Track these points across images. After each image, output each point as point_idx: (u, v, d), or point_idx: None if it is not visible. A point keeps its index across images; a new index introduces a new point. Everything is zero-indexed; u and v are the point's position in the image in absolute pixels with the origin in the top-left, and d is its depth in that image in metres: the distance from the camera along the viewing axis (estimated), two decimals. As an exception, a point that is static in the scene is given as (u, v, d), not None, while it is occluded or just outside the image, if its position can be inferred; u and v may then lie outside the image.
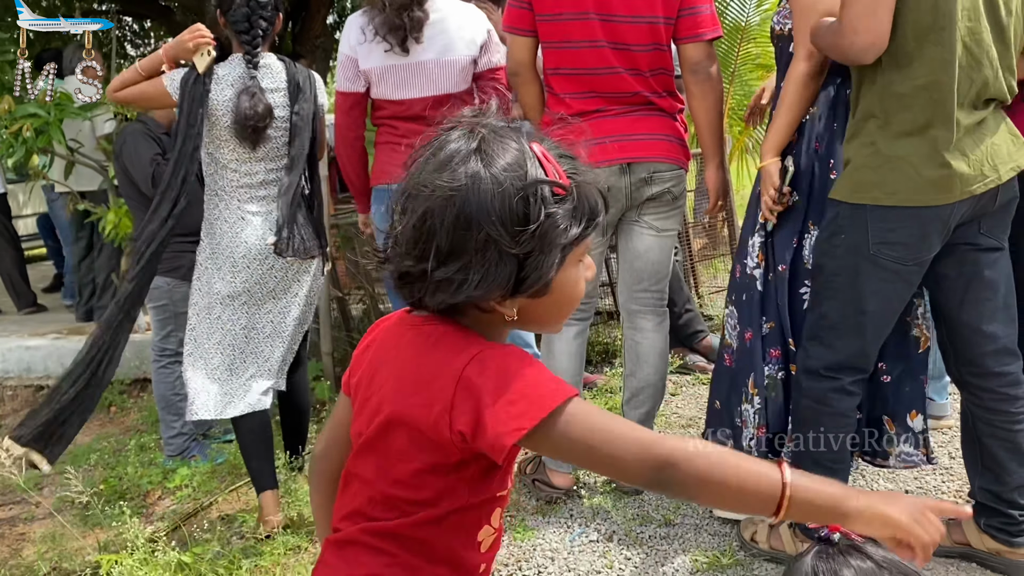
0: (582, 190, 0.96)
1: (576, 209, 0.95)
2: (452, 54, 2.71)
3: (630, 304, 2.72)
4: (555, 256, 0.93)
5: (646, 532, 2.47)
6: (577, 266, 1.00)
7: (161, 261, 2.60)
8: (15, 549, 3.23)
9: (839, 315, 2.07)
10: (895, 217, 1.94)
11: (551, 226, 0.92)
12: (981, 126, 1.94)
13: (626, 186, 2.53)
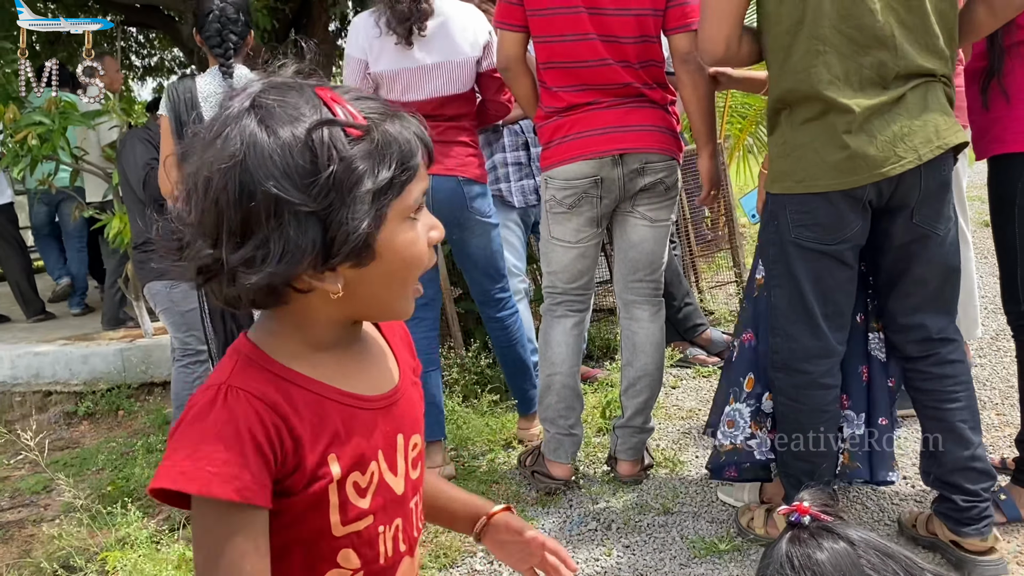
0: (386, 130, 0.81)
1: (378, 150, 0.80)
2: (457, 56, 2.76)
3: (626, 294, 2.74)
4: (362, 207, 0.79)
5: (644, 520, 2.49)
6: (407, 224, 0.84)
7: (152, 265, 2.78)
8: (25, 550, 3.26)
9: (786, 303, 2.11)
10: (808, 202, 2.01)
11: (346, 171, 0.78)
12: (897, 105, 1.94)
13: (619, 177, 2.55)
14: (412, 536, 0.98)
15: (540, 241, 2.81)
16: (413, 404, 0.98)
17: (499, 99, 2.92)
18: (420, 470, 0.99)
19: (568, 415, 2.70)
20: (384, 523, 0.92)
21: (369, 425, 0.90)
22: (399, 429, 0.94)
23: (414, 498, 0.98)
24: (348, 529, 0.88)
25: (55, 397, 4.91)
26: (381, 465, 0.91)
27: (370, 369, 0.94)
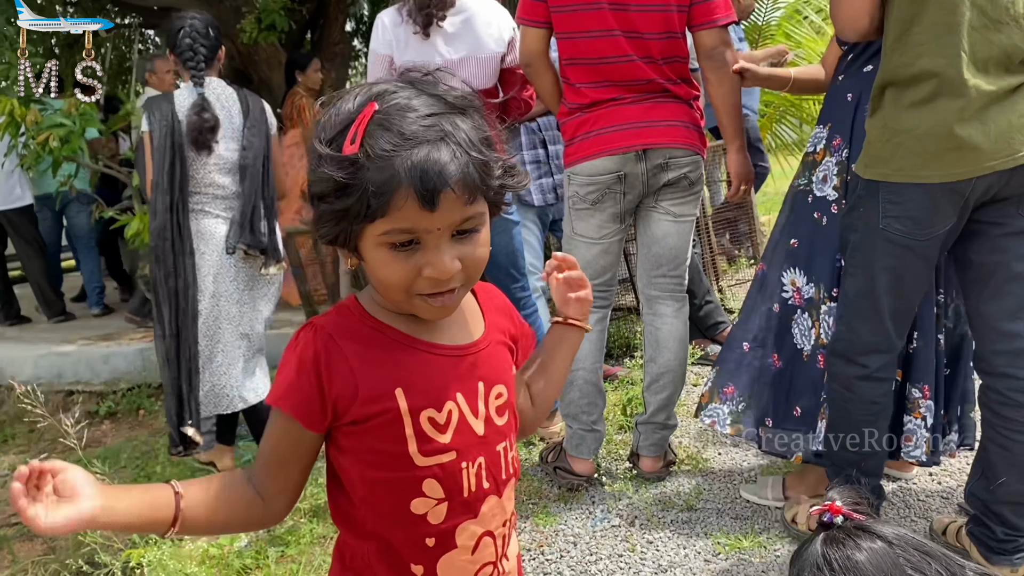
0: (374, 166, 0.87)
1: (346, 181, 0.88)
2: (482, 52, 2.77)
3: (649, 290, 2.73)
4: (328, 219, 0.92)
5: (668, 517, 2.48)
6: (383, 248, 0.92)
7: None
8: (50, 547, 3.29)
9: (856, 293, 2.04)
10: (903, 192, 1.89)
11: (321, 184, 0.91)
12: (1015, 94, 1.80)
13: (642, 172, 2.55)
14: (500, 477, 1.06)
15: (563, 238, 2.80)
16: (498, 359, 1.09)
17: (522, 96, 2.92)
18: (508, 418, 1.08)
19: (590, 411, 2.69)
20: (467, 460, 1.02)
21: (443, 369, 1.02)
22: (480, 377, 1.05)
23: (501, 443, 1.06)
24: (430, 461, 1.00)
25: (77, 396, 4.95)
26: (461, 407, 1.02)
27: (451, 326, 1.05)
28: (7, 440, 4.57)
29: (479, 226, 0.95)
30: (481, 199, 0.93)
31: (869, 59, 2.28)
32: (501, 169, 0.95)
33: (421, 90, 0.93)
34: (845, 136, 2.30)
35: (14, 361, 5.13)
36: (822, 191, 2.35)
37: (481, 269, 0.98)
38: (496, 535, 1.06)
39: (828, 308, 2.32)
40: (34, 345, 5.21)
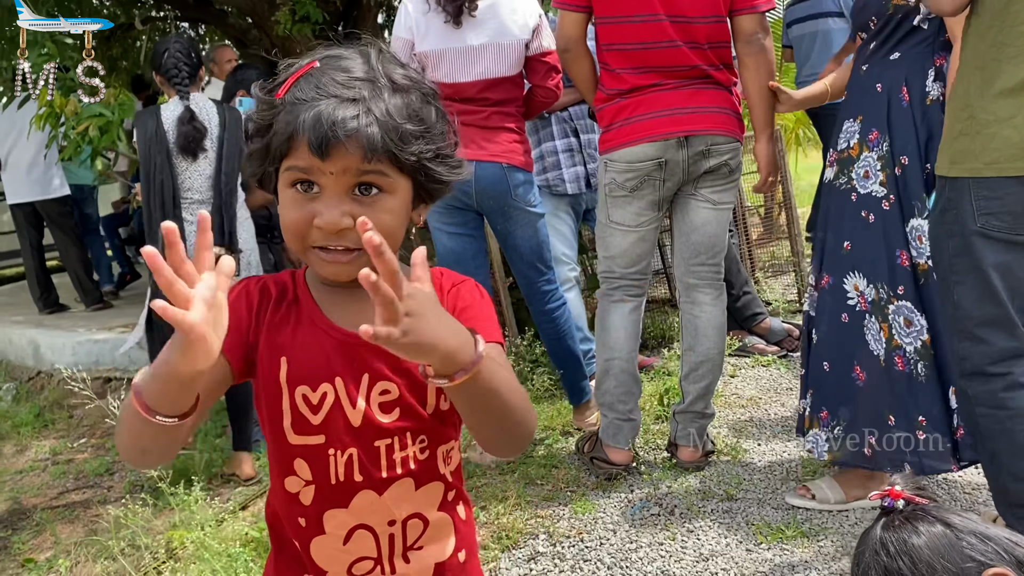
0: (289, 111, 0.93)
1: (267, 123, 0.95)
2: (506, 38, 2.74)
3: (687, 278, 2.71)
4: (252, 159, 0.98)
5: (708, 506, 2.46)
6: (290, 191, 0.96)
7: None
8: (91, 530, 3.34)
9: (973, 301, 1.84)
10: (997, 187, 1.75)
11: (247, 127, 0.99)
12: None
13: (683, 159, 2.52)
14: (377, 475, 1.01)
15: (596, 225, 2.79)
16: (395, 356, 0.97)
17: (547, 84, 2.89)
18: (397, 416, 1.01)
19: (627, 400, 2.68)
20: (336, 447, 1.00)
21: (327, 350, 1.00)
22: (367, 369, 1.00)
23: (382, 439, 1.01)
24: (300, 440, 1.00)
25: (114, 383, 5.02)
26: (339, 392, 1.00)
27: (360, 310, 0.97)
28: (47, 425, 4.65)
29: (384, 189, 0.95)
30: (388, 165, 0.94)
31: (895, 46, 2.24)
32: (429, 151, 0.96)
33: (370, 60, 0.97)
34: (882, 128, 2.25)
35: (53, 348, 5.21)
36: (866, 188, 2.29)
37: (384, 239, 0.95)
38: (378, 532, 1.03)
39: (896, 308, 2.24)
40: (72, 332, 5.29)
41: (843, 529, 2.27)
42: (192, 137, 3.19)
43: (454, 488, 1.09)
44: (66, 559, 2.98)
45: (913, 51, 2.21)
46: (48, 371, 5.20)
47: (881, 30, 2.26)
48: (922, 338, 2.21)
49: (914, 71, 2.21)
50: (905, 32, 2.21)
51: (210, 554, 2.27)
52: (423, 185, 0.99)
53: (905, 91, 2.21)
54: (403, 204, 0.98)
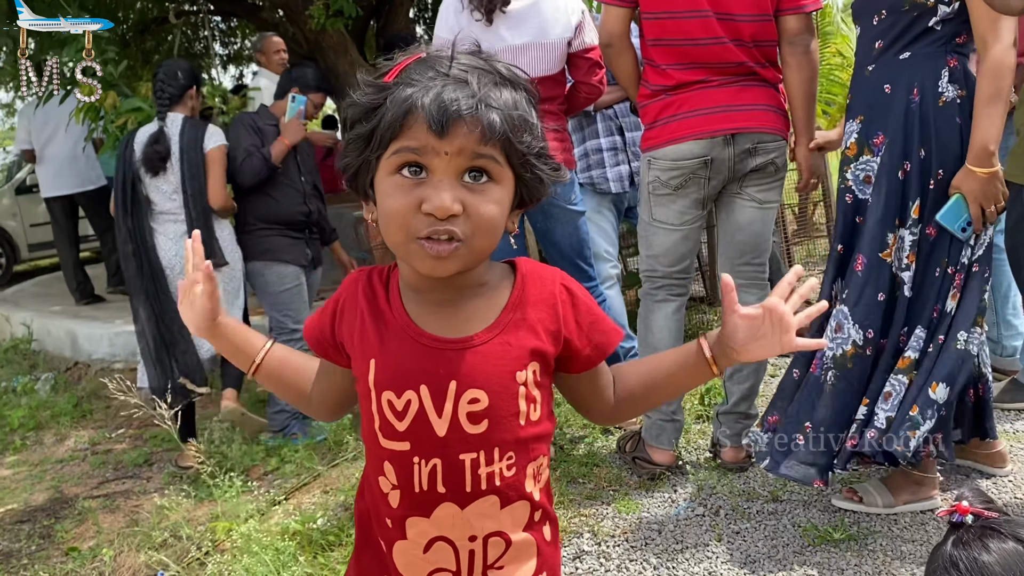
0: (399, 92, 0.91)
1: (376, 106, 0.93)
2: (548, 37, 2.73)
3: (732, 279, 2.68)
4: (353, 147, 0.96)
5: (753, 507, 2.45)
6: (393, 178, 0.93)
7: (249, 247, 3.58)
8: (132, 519, 3.38)
9: None
10: None
11: (350, 113, 0.96)
12: None
13: (729, 157, 2.50)
14: (461, 489, 0.99)
15: (639, 224, 2.77)
16: (486, 362, 0.98)
17: (590, 81, 2.87)
18: (485, 428, 0.98)
19: (670, 401, 2.67)
20: (420, 456, 0.98)
21: (413, 356, 0.99)
22: (454, 376, 0.97)
23: (467, 453, 0.98)
24: (388, 444, 1.00)
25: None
26: (424, 399, 0.98)
27: (451, 315, 1.00)
28: (85, 415, 4.70)
29: (493, 177, 0.93)
30: (500, 153, 0.92)
31: (906, 46, 2.20)
32: (535, 148, 0.95)
33: (476, 55, 0.96)
34: (889, 132, 2.20)
35: (91, 339, 5.28)
36: (864, 194, 2.25)
37: (488, 231, 0.94)
38: (458, 547, 1.01)
39: (835, 311, 2.23)
40: (109, 324, 5.35)
41: (892, 533, 2.25)
42: (154, 155, 3.55)
43: (541, 508, 1.06)
44: (109, 548, 3.01)
45: (925, 51, 2.17)
46: (85, 361, 5.27)
47: (890, 28, 2.21)
48: (844, 347, 2.19)
49: (927, 72, 2.16)
50: (918, 32, 2.16)
51: (258, 547, 2.28)
52: (526, 183, 0.97)
53: (916, 92, 2.17)
54: (508, 198, 0.96)
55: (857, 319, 2.19)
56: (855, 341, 2.18)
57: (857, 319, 2.19)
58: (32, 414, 4.71)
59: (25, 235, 9.22)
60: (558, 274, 1.06)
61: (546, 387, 1.04)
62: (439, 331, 0.99)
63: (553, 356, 1.03)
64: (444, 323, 1.00)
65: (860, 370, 2.20)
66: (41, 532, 3.40)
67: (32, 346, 5.71)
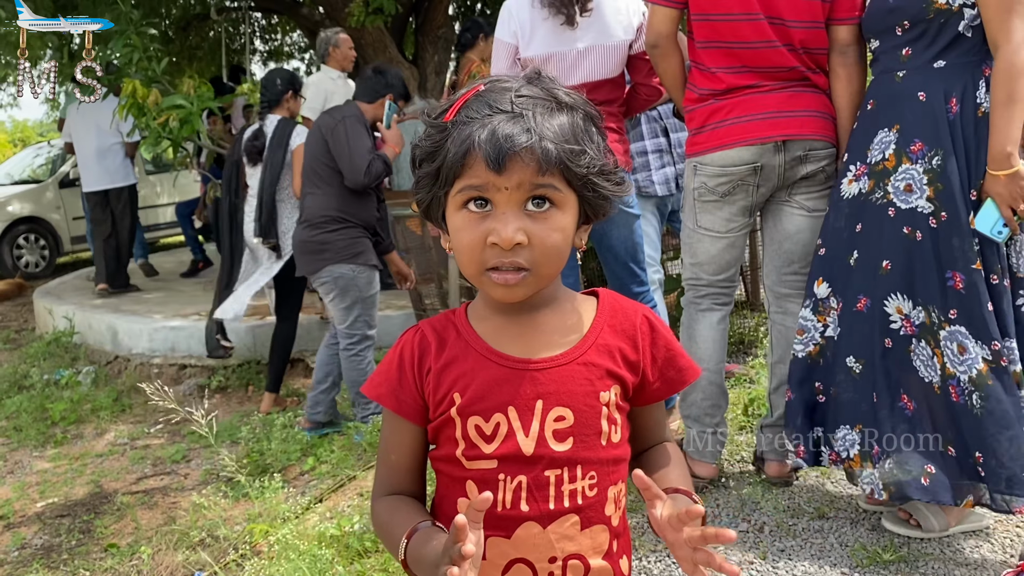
0: (459, 132, 0.95)
1: (439, 146, 0.97)
2: (610, 40, 2.70)
3: (779, 287, 2.62)
4: (423, 185, 1.00)
5: (799, 524, 2.38)
6: (461, 213, 0.97)
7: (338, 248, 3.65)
8: (170, 516, 3.40)
9: None
10: None
11: (419, 148, 1.00)
12: None
13: (779, 164, 2.44)
14: (544, 507, 1.00)
15: (683, 230, 2.72)
16: (574, 380, 1.02)
17: (651, 82, 2.83)
18: (571, 445, 1.01)
19: (714, 413, 2.61)
20: (506, 473, 1.00)
21: (498, 379, 1.01)
22: (540, 395, 1.00)
23: (553, 470, 1.00)
24: (473, 466, 1.01)
25: (189, 370, 5.11)
26: (511, 420, 1.00)
27: (532, 336, 1.03)
28: (125, 410, 4.76)
29: (554, 204, 0.96)
30: (560, 179, 0.95)
31: (939, 54, 2.13)
32: (596, 166, 0.97)
33: (534, 83, 0.99)
34: (929, 140, 2.13)
35: (131, 334, 5.34)
36: (908, 203, 2.16)
37: (553, 258, 0.97)
38: (537, 569, 1.00)
39: (948, 333, 2.10)
40: (149, 319, 5.40)
41: (945, 556, 2.17)
42: (252, 149, 4.22)
43: (619, 536, 1.06)
44: (147, 546, 3.03)
45: (960, 60, 2.11)
46: (126, 356, 5.33)
47: (919, 37, 2.15)
48: (977, 367, 2.07)
49: (964, 81, 2.10)
50: (949, 40, 2.10)
51: (296, 554, 2.27)
52: (589, 202, 1.00)
53: (954, 102, 2.10)
54: (572, 221, 0.99)
55: (976, 335, 2.08)
56: (984, 357, 2.07)
57: (976, 335, 2.08)
58: (73, 408, 4.77)
59: (68, 228, 9.38)
60: (640, 307, 1.10)
61: (625, 411, 1.06)
62: (521, 353, 1.02)
63: (631, 384, 1.05)
64: (525, 345, 1.03)
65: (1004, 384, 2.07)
66: (81, 527, 3.44)
67: (74, 339, 5.79)
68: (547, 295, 1.04)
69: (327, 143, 3.63)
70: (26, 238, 9.16)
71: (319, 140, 3.66)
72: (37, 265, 9.22)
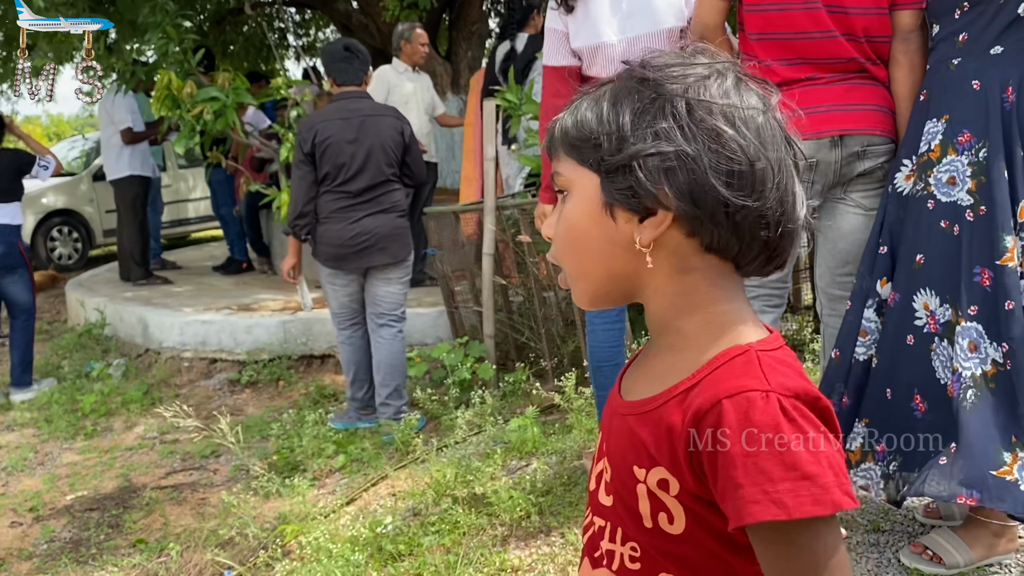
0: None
1: None
2: (659, 27, 2.60)
3: (832, 289, 2.51)
4: None
5: (853, 538, 2.27)
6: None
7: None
8: (199, 512, 3.36)
9: None
10: None
11: None
12: None
13: (836, 160, 2.33)
14: (591, 551, 0.90)
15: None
16: (620, 435, 0.86)
17: None
18: (611, 502, 0.86)
19: None
20: (593, 514, 0.92)
21: (607, 421, 0.91)
22: (606, 435, 0.90)
23: (598, 518, 0.90)
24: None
25: (220, 364, 5.08)
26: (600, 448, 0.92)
27: (640, 376, 0.89)
28: (155, 403, 4.73)
29: (567, 191, 0.85)
30: (570, 163, 0.84)
31: (996, 38, 1.98)
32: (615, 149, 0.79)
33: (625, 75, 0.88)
34: (978, 131, 2.01)
35: (162, 327, 5.32)
36: (950, 196, 2.04)
37: (567, 252, 0.86)
38: None
39: (963, 328, 1.98)
40: (179, 312, 5.38)
41: (1011, 575, 2.06)
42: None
43: None
44: (176, 543, 2.98)
45: (1018, 46, 1.96)
46: (156, 349, 5.31)
47: (975, 20, 2.02)
48: (984, 367, 1.95)
49: (1021, 69, 1.96)
50: (1007, 23, 1.95)
51: (327, 556, 2.20)
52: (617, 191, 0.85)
53: (1011, 91, 1.97)
54: (584, 208, 0.84)
55: (992, 336, 1.97)
56: (995, 359, 1.96)
57: (992, 336, 1.97)
58: (103, 400, 4.75)
59: (101, 221, 9.43)
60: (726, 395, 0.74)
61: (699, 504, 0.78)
62: (626, 392, 0.90)
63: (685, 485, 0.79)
64: (632, 382, 0.90)
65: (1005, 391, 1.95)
66: (110, 521, 3.40)
67: (105, 331, 5.79)
68: (666, 321, 0.83)
69: (403, 140, 3.72)
70: (59, 230, 9.23)
71: (398, 134, 3.71)
72: (70, 257, 9.28)
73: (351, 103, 3.66)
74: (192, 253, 8.85)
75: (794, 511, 0.69)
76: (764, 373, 0.75)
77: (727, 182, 0.75)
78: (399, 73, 5.30)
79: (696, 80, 0.80)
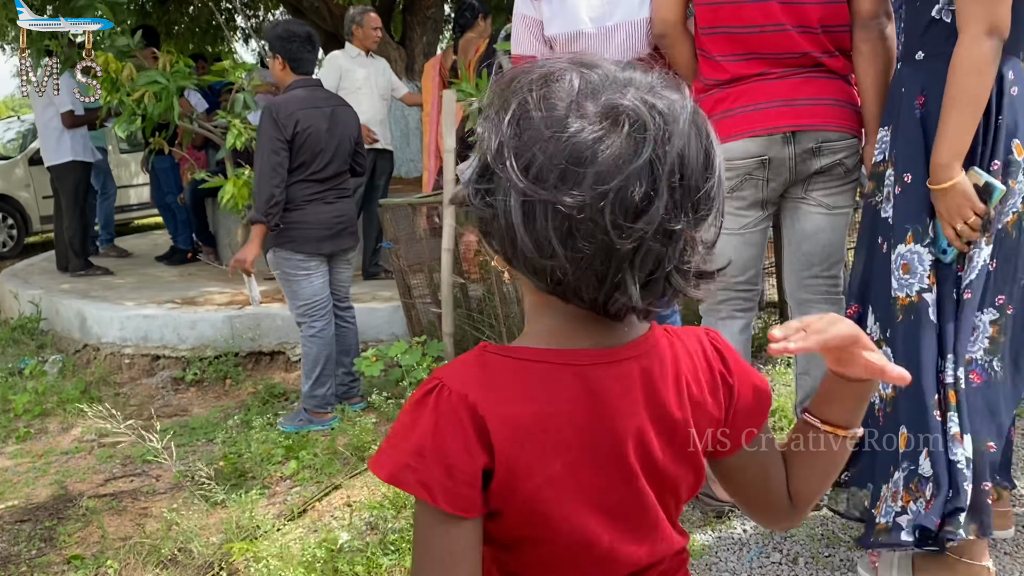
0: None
1: None
2: (639, 14, 2.46)
3: (799, 292, 2.41)
4: None
5: (836, 556, 2.19)
6: None
7: None
8: (139, 524, 3.15)
9: None
10: None
11: None
12: None
13: (790, 157, 2.23)
14: None
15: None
16: None
17: None
18: None
19: None
20: None
21: None
22: None
23: None
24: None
25: (163, 361, 4.84)
26: None
27: None
28: (93, 402, 4.47)
29: None
30: None
31: (919, 44, 1.92)
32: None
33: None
34: (899, 143, 1.96)
35: (101, 321, 5.05)
36: (886, 211, 1.98)
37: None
38: None
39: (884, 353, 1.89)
40: (120, 306, 5.12)
41: (997, 594, 1.99)
42: None
43: None
44: (114, 560, 2.78)
45: (937, 51, 1.87)
46: (95, 344, 5.05)
47: (906, 24, 1.97)
48: (886, 390, 1.92)
49: (935, 74, 1.86)
50: (925, 25, 1.88)
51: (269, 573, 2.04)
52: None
53: (922, 98, 1.90)
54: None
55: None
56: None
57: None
58: (38, 399, 4.48)
59: (38, 206, 9.02)
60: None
61: None
62: None
63: None
64: None
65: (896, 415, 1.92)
66: (42, 534, 3.17)
67: (40, 325, 5.49)
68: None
69: (358, 132, 3.78)
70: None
71: (357, 126, 3.78)
72: (5, 245, 8.87)
73: (316, 91, 3.69)
74: (135, 241, 8.49)
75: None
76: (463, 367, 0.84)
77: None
78: (351, 58, 5.12)
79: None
